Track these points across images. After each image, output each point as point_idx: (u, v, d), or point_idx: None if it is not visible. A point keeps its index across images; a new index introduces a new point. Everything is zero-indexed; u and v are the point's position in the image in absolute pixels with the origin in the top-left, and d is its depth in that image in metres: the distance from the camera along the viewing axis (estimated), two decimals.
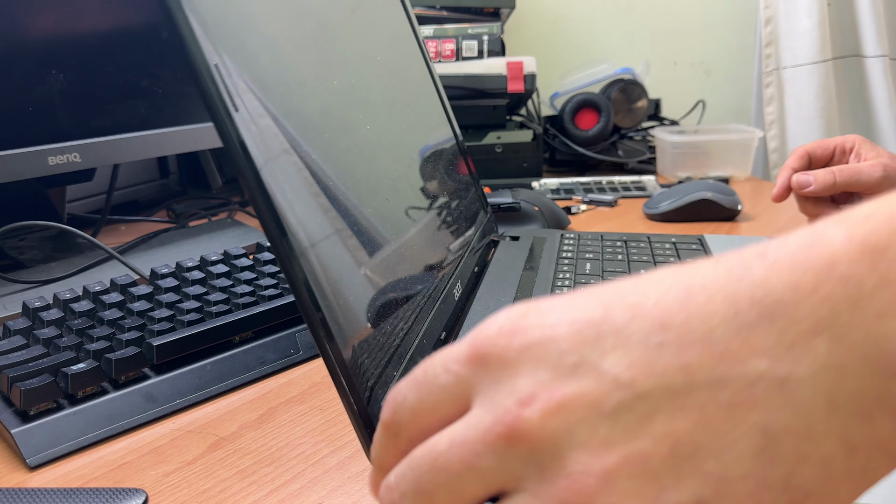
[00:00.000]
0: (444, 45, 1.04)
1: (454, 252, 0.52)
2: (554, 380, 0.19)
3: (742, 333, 0.18)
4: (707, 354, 0.18)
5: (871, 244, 0.18)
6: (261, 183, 0.29)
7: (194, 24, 0.28)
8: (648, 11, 1.34)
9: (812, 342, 0.18)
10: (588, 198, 0.94)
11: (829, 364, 0.17)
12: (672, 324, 0.19)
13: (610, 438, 0.18)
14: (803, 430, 0.18)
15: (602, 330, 0.19)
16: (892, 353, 0.17)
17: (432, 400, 0.21)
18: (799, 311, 0.18)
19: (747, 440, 0.18)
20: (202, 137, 0.78)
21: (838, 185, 0.72)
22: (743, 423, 0.18)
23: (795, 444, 0.18)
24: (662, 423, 0.18)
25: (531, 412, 0.18)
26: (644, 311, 0.19)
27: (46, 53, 0.65)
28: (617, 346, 0.19)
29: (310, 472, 0.40)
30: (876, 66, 1.19)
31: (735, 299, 0.18)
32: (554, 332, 0.19)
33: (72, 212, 0.84)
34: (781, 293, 0.18)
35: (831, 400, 0.17)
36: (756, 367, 0.18)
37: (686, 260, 0.61)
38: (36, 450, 0.41)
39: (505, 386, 0.19)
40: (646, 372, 0.18)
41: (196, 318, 0.52)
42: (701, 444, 0.18)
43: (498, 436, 0.19)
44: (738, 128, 1.10)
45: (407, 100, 0.55)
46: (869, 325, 0.17)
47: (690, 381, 0.18)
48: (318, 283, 0.30)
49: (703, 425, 0.18)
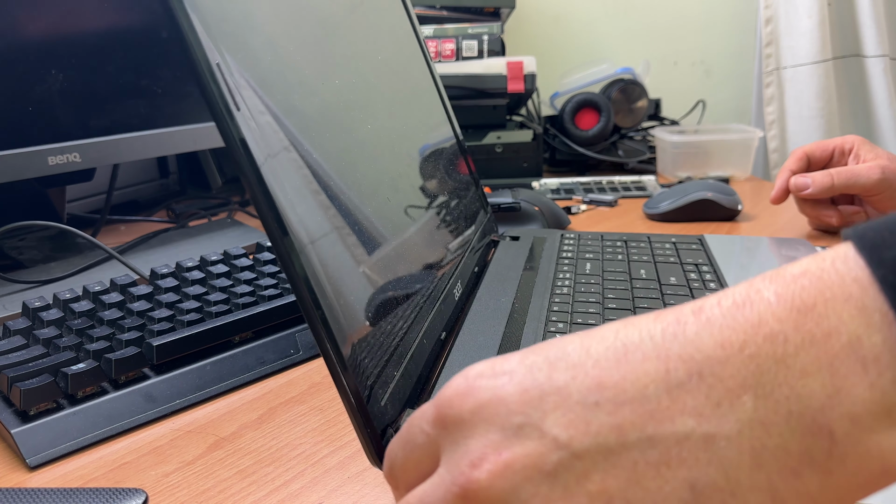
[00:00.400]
0: (444, 45, 1.04)
1: (454, 252, 0.52)
2: (502, 440, 0.20)
3: (672, 392, 0.19)
4: (638, 413, 0.19)
5: (798, 303, 0.19)
6: (262, 181, 0.29)
7: (196, 23, 0.28)
8: (648, 11, 1.34)
9: (738, 399, 0.18)
10: (588, 198, 0.94)
11: (755, 421, 0.18)
12: (608, 383, 0.20)
13: (550, 497, 0.19)
14: (729, 485, 0.18)
15: (545, 390, 0.20)
16: (815, 410, 0.18)
17: (414, 458, 0.24)
18: (726, 369, 0.19)
19: (676, 496, 0.18)
20: (202, 137, 0.78)
21: (836, 188, 0.72)
22: (672, 479, 0.19)
23: (722, 499, 0.18)
24: (597, 483, 0.19)
25: (480, 473, 0.20)
26: (584, 370, 0.20)
27: (46, 53, 0.65)
28: (557, 406, 0.20)
29: (310, 472, 0.40)
30: (876, 66, 1.19)
31: (667, 357, 0.19)
32: (503, 392, 0.21)
33: (71, 212, 0.84)
34: (711, 351, 0.19)
35: (757, 456, 0.18)
36: (684, 426, 0.19)
37: (686, 260, 0.61)
38: (36, 450, 0.41)
39: (461, 447, 0.21)
40: (582, 432, 0.19)
41: (196, 318, 0.52)
42: (632, 500, 0.19)
43: (455, 495, 0.20)
44: (739, 128, 1.10)
45: (407, 99, 0.55)
46: (793, 382, 0.18)
47: (623, 440, 0.19)
48: (319, 282, 0.30)
49: (634, 483, 0.19)
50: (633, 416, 0.19)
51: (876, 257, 0.18)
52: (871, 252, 0.18)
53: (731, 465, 0.18)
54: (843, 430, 0.18)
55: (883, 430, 0.18)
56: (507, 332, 0.47)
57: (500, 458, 0.20)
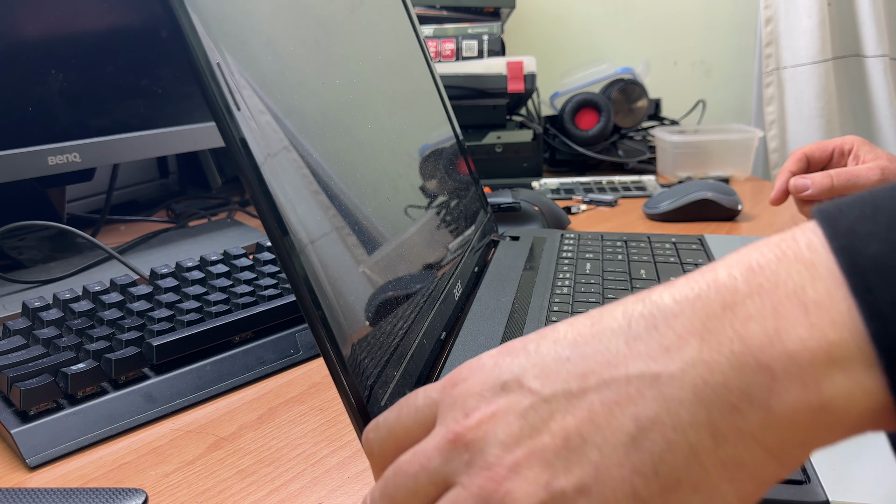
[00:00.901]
0: (444, 45, 1.04)
1: (454, 252, 0.52)
2: (491, 396, 0.23)
3: (629, 343, 0.22)
4: (599, 362, 0.22)
5: (754, 264, 0.21)
6: (262, 181, 0.29)
7: (196, 23, 0.28)
8: (648, 11, 1.34)
9: (685, 343, 0.21)
10: (588, 198, 0.94)
11: (698, 360, 0.20)
12: (579, 342, 0.23)
13: (520, 435, 0.22)
14: (671, 420, 0.20)
15: (531, 355, 0.23)
16: (756, 349, 0.19)
17: (407, 423, 0.26)
18: (679, 319, 0.21)
19: (623, 431, 0.21)
20: (202, 137, 0.78)
21: (836, 189, 0.72)
22: (620, 416, 0.21)
23: (663, 433, 0.20)
24: (558, 421, 0.21)
25: (470, 421, 0.23)
26: (565, 337, 0.23)
27: (46, 53, 0.65)
28: (536, 364, 0.23)
29: (310, 472, 0.40)
30: (876, 66, 1.19)
31: (630, 316, 0.22)
32: (500, 360, 0.24)
33: (71, 212, 0.84)
34: (668, 305, 0.21)
35: (698, 392, 0.20)
36: (636, 368, 0.21)
37: (686, 260, 0.61)
38: (36, 450, 0.41)
39: (458, 405, 0.24)
40: (552, 380, 0.22)
41: (196, 318, 0.52)
42: (586, 437, 0.21)
43: (446, 440, 0.23)
44: (739, 128, 1.10)
45: (407, 99, 0.55)
46: (737, 326, 0.20)
47: (584, 385, 0.22)
48: (319, 281, 0.30)
49: (588, 420, 0.21)
50: (594, 365, 0.22)
51: (830, 226, 0.20)
52: (827, 222, 0.20)
53: (673, 401, 0.20)
54: (783, 367, 0.19)
55: (823, 370, 0.19)
56: (507, 332, 0.47)
57: (489, 408, 0.23)
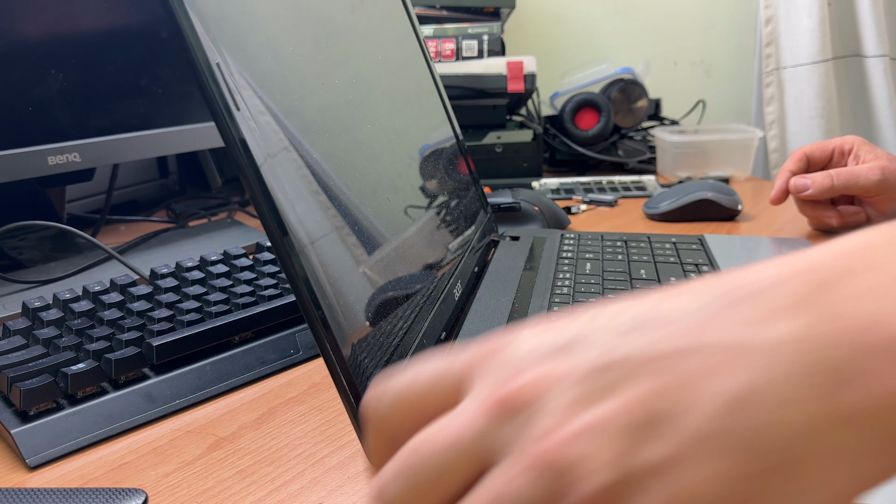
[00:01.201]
0: (444, 45, 1.04)
1: (454, 252, 0.52)
2: (548, 356, 0.21)
3: (721, 311, 0.20)
4: (683, 328, 0.20)
5: (845, 248, 0.20)
6: (261, 181, 0.29)
7: (196, 23, 0.28)
8: (648, 11, 1.34)
9: (782, 316, 0.19)
10: (588, 198, 0.94)
11: (794, 336, 0.19)
12: (657, 306, 0.21)
13: (589, 399, 0.19)
14: (770, 395, 0.19)
15: (595, 321, 0.21)
16: (853, 328, 0.19)
17: (436, 389, 0.23)
18: (776, 293, 0.20)
19: (714, 402, 0.19)
20: (202, 137, 0.78)
21: (836, 189, 0.72)
22: (710, 386, 0.19)
23: (762, 408, 0.19)
24: (635, 387, 0.19)
25: (522, 379, 0.20)
26: (628, 307, 0.21)
27: (46, 53, 0.65)
28: (600, 329, 0.21)
29: (310, 472, 0.40)
30: (876, 66, 1.19)
31: (717, 286, 0.21)
32: (545, 327, 0.22)
33: (71, 212, 0.84)
34: (762, 281, 0.20)
35: (794, 369, 0.19)
36: (728, 336, 0.19)
37: (686, 260, 0.61)
38: (35, 450, 0.41)
39: (505, 366, 0.21)
40: (626, 341, 0.20)
41: (196, 318, 0.52)
42: (669, 406, 0.19)
43: (489, 404, 0.20)
44: (739, 128, 1.10)
45: (407, 99, 0.55)
46: (835, 304, 0.19)
47: (665, 348, 0.20)
48: (319, 281, 0.30)
49: (673, 388, 0.19)
50: (677, 330, 0.20)
51: None
52: None
53: (776, 373, 0.19)
54: (883, 348, 0.18)
55: None
56: None
57: (545, 366, 0.20)
